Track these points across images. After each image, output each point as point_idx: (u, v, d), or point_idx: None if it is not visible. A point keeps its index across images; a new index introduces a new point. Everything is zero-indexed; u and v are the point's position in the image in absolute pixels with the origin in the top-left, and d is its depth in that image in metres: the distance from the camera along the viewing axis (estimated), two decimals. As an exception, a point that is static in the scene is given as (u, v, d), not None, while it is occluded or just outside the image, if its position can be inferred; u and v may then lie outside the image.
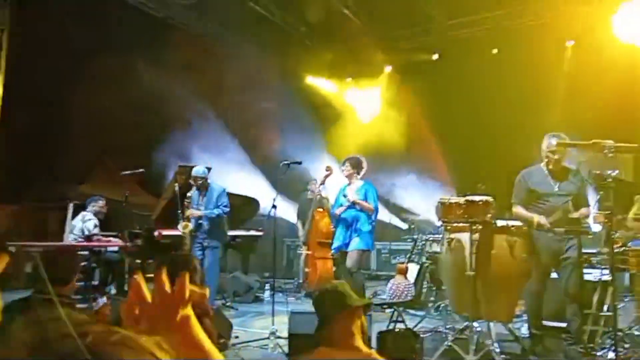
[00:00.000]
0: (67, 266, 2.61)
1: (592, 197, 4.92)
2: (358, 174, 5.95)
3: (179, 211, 6.45)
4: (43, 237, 9.14)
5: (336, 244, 5.92)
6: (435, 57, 10.48)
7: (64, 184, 9.28)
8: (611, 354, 3.78)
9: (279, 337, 4.63)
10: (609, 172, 4.05)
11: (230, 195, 6.72)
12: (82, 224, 7.12)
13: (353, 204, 5.82)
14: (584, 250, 4.70)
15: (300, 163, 6.19)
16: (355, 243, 5.71)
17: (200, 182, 6.28)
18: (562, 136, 4.50)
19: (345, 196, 5.91)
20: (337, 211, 5.97)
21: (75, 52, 9.19)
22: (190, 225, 6.23)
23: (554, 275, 4.62)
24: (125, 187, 6.46)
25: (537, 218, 4.38)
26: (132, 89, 10.64)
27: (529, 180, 4.60)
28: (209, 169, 6.56)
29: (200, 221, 6.24)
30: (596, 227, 5.19)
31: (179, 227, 6.25)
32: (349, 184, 5.99)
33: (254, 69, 11.54)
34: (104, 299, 2.80)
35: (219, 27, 11.10)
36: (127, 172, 6.38)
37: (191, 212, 6.24)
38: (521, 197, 4.63)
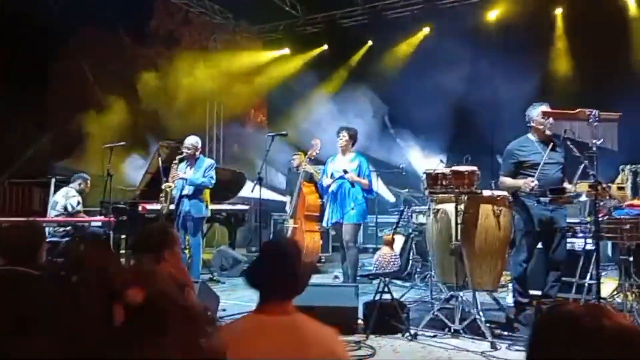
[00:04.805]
0: (30, 241, 2.54)
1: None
2: (353, 145, 5.84)
3: (164, 179, 6.36)
4: (27, 214, 9.04)
5: (334, 217, 5.72)
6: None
7: (47, 160, 9.16)
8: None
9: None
10: (594, 141, 4.05)
11: (217, 170, 6.65)
12: (65, 201, 7.01)
13: (345, 176, 5.67)
14: (568, 220, 4.74)
15: (285, 135, 6.12)
16: (351, 216, 5.61)
17: (192, 151, 6.19)
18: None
19: (345, 172, 5.70)
20: (327, 183, 5.79)
21: (58, 24, 8.96)
22: (174, 191, 6.15)
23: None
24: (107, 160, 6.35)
25: (525, 181, 4.38)
26: (118, 61, 10.45)
27: (519, 152, 4.58)
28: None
29: (185, 191, 6.14)
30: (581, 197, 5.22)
31: (163, 186, 6.16)
32: (343, 155, 5.82)
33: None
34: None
35: None
36: (108, 145, 6.27)
37: (177, 174, 6.15)
38: (508, 169, 4.61)
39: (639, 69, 8.06)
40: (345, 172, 5.64)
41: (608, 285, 4.80)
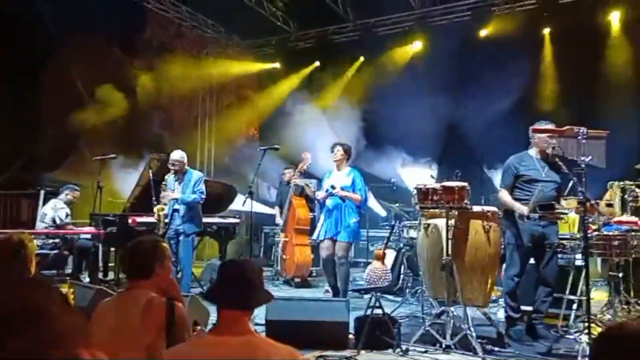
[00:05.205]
0: (21, 254, 2.50)
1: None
2: (347, 160, 5.83)
3: (154, 198, 6.33)
4: (15, 226, 8.93)
5: (327, 233, 5.65)
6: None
7: (36, 171, 9.07)
8: (584, 337, 3.84)
9: (257, 324, 4.60)
10: (582, 158, 4.10)
11: (208, 183, 6.63)
12: (54, 213, 6.95)
13: (333, 192, 5.65)
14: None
15: (277, 149, 6.12)
16: (344, 234, 5.58)
17: (178, 166, 6.16)
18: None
19: (333, 187, 5.70)
20: (320, 196, 5.77)
21: (48, 33, 8.93)
22: (166, 209, 6.11)
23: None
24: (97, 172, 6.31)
25: (520, 209, 4.41)
26: (108, 72, 10.42)
27: (520, 166, 4.64)
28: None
29: (176, 206, 6.11)
30: (570, 213, 5.27)
31: (154, 209, 6.13)
32: (338, 170, 5.79)
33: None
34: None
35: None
36: (98, 157, 6.23)
37: (167, 194, 6.12)
38: (508, 182, 4.67)
39: (625, 86, 8.20)
40: (333, 187, 5.63)
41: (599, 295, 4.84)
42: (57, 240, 6.76)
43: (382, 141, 9.63)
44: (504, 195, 4.65)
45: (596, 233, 4.50)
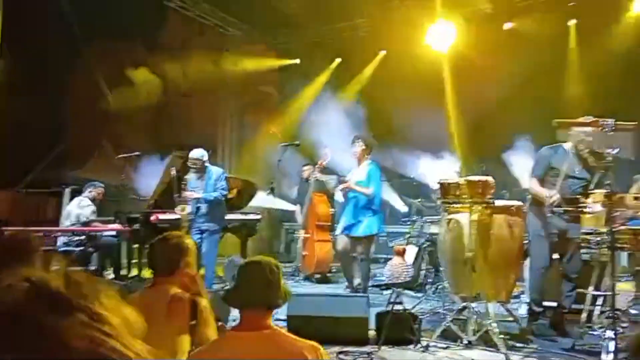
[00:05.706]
0: (26, 249, 2.52)
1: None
2: (368, 154, 5.81)
3: (177, 195, 6.40)
4: (40, 224, 9.12)
5: (343, 229, 5.69)
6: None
7: (61, 170, 9.24)
8: (609, 333, 3.78)
9: (278, 320, 4.63)
10: (609, 150, 4.01)
11: (228, 179, 6.67)
12: (79, 210, 7.05)
13: (342, 186, 5.62)
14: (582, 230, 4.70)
15: (298, 145, 6.14)
16: (357, 228, 5.58)
17: (199, 164, 6.21)
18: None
19: (343, 182, 5.66)
20: (337, 191, 5.82)
21: (73, 35, 9.08)
22: (188, 208, 6.18)
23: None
24: (121, 170, 6.40)
25: (549, 194, 4.37)
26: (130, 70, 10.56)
27: (552, 157, 4.58)
28: (208, 151, 6.49)
29: (199, 204, 6.19)
30: (596, 207, 5.16)
31: (177, 209, 6.19)
32: (358, 165, 5.73)
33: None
34: None
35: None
36: (123, 155, 6.32)
37: (189, 194, 6.18)
38: (539, 173, 4.62)
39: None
40: (344, 182, 5.61)
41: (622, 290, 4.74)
42: (82, 237, 6.88)
43: (402, 135, 9.55)
44: (534, 185, 4.60)
45: (622, 227, 4.41)
